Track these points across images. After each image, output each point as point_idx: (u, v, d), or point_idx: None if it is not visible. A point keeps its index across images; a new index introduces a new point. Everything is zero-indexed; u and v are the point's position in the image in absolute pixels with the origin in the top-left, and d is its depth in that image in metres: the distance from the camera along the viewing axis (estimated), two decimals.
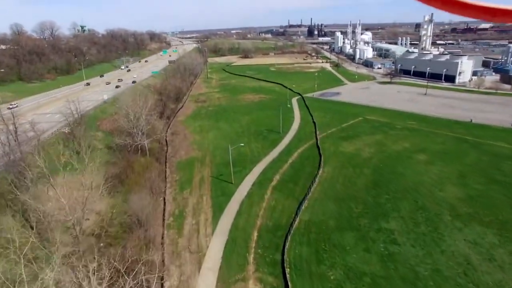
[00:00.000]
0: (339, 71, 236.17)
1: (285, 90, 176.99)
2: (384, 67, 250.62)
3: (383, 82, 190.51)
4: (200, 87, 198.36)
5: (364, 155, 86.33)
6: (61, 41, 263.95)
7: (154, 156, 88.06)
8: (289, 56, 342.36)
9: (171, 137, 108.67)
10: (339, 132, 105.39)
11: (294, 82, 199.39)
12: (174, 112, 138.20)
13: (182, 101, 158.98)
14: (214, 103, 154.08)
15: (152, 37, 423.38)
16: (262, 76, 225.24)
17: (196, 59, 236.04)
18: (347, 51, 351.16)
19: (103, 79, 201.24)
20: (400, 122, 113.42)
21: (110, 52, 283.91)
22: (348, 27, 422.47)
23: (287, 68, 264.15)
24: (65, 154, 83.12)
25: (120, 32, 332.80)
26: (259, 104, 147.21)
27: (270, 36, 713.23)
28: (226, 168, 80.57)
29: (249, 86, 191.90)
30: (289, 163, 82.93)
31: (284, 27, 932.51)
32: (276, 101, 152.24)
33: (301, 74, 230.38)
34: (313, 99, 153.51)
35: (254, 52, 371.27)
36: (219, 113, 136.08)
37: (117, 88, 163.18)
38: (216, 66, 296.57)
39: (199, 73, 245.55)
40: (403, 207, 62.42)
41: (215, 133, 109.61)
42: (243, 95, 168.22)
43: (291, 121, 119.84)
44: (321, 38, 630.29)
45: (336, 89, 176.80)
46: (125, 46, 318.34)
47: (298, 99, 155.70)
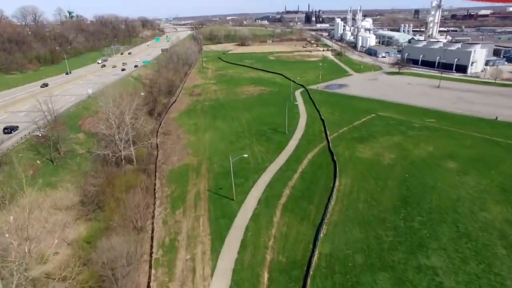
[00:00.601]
0: (342, 60, 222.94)
1: (287, 81, 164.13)
2: (388, 55, 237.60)
3: (391, 72, 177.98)
4: (195, 78, 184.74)
5: (385, 162, 74.73)
6: (45, 28, 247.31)
7: (142, 164, 75.72)
8: (287, 43, 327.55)
9: (163, 138, 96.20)
10: (352, 132, 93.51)
11: (295, 72, 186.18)
12: (166, 108, 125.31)
13: (175, 95, 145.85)
14: (210, 97, 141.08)
15: (144, 24, 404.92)
16: (261, 65, 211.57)
17: (191, 47, 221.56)
18: (348, 39, 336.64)
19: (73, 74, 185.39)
20: (417, 120, 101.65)
21: (98, 40, 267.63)
22: (348, 14, 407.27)
23: (286, 56, 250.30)
24: (35, 165, 70.95)
25: (110, 19, 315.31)
26: (260, 98, 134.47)
27: (267, 23, 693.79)
28: (225, 179, 68.79)
29: (248, 77, 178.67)
30: (299, 173, 71.15)
31: (281, 13, 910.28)
32: (278, 94, 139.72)
33: (302, 64, 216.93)
34: (318, 92, 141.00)
35: (251, 39, 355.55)
36: (216, 109, 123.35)
37: (105, 80, 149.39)
38: (211, 55, 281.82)
39: (194, 62, 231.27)
40: (443, 233, 51.11)
41: (212, 134, 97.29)
42: (242, 87, 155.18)
43: (296, 118, 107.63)
44: (319, 25, 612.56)
45: (341, 80, 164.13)
46: (115, 33, 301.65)
47: (301, 92, 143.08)
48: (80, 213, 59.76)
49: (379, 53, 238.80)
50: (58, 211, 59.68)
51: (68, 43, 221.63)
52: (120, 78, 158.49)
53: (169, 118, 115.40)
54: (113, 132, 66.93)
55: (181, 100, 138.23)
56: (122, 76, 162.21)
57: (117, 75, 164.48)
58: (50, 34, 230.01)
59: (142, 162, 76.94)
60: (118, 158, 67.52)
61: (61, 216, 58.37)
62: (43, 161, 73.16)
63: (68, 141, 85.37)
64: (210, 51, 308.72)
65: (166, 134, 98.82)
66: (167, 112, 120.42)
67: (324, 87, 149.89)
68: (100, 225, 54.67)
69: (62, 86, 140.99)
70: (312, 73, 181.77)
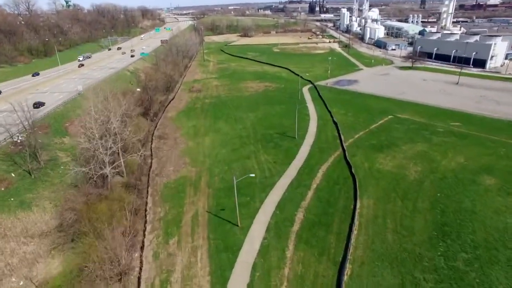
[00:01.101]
0: (350, 53, 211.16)
1: (293, 76, 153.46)
2: (399, 48, 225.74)
3: (404, 67, 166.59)
4: (196, 72, 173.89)
5: (411, 177, 64.68)
6: (40, 17, 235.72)
7: (133, 176, 65.92)
8: (292, 35, 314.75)
9: (158, 142, 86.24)
10: (369, 138, 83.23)
11: (301, 66, 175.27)
12: (163, 106, 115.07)
13: (174, 91, 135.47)
14: (211, 93, 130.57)
15: (144, 14, 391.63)
16: (265, 58, 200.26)
17: (191, 38, 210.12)
18: (355, 30, 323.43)
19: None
20: (440, 123, 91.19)
21: (96, 30, 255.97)
22: (354, 3, 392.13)
23: (292, 49, 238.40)
24: (8, 179, 61.19)
25: (108, 8, 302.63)
26: (265, 96, 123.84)
27: (269, 13, 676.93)
28: (228, 197, 59.12)
29: (252, 71, 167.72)
30: (313, 191, 61.26)
31: (284, 3, 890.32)
32: (284, 91, 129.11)
33: (308, 57, 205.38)
34: (327, 89, 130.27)
35: (254, 30, 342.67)
36: (218, 107, 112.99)
37: (97, 75, 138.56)
38: (213, 46, 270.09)
39: (194, 54, 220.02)
40: (497, 279, 41.38)
41: (213, 138, 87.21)
42: (245, 82, 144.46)
43: (306, 120, 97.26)
44: (323, 15, 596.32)
45: (351, 75, 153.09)
46: (113, 23, 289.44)
47: (310, 89, 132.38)
48: (57, 242, 50.29)
49: (388, 46, 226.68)
50: (30, 240, 50.19)
51: (62, 34, 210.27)
52: (115, 72, 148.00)
53: (166, 118, 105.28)
54: (94, 146, 56.83)
55: (180, 97, 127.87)
56: (117, 70, 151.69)
57: (113, 69, 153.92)
58: (45, 24, 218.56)
59: (133, 174, 67.19)
60: (104, 174, 57.53)
61: (32, 247, 48.86)
62: (18, 173, 63.45)
63: (51, 148, 75.64)
64: (212, 42, 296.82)
65: (162, 138, 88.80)
66: (164, 111, 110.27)
67: (333, 83, 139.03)
68: (77, 260, 45.10)
69: (53, 81, 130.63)
70: (319, 67, 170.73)
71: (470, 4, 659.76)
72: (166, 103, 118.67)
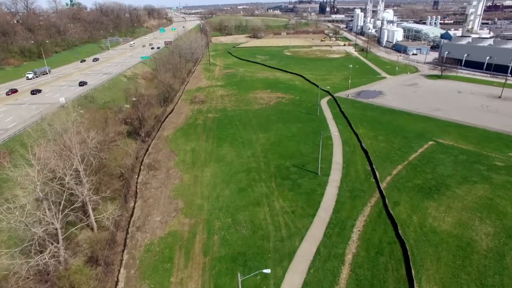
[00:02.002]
0: (368, 58, 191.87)
1: (308, 85, 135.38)
2: (420, 53, 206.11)
3: (432, 76, 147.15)
4: (200, 78, 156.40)
5: (482, 244, 46.35)
6: (39, 16, 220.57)
7: (107, 230, 48.62)
8: (303, 36, 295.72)
9: (147, 174, 68.87)
10: (412, 175, 64.82)
11: (317, 72, 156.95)
12: (159, 121, 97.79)
13: (174, 101, 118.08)
14: (215, 106, 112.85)
15: (150, 13, 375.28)
16: (276, 63, 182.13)
17: (196, 40, 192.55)
18: (370, 32, 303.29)
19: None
20: (496, 153, 72.42)
21: (97, 30, 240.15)
22: (368, 4, 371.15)
23: (304, 52, 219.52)
24: None
25: (112, 7, 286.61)
26: (278, 110, 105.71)
27: (279, 13, 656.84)
28: (230, 274, 41.60)
29: (262, 78, 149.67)
30: (348, 266, 43.31)
31: (294, 3, 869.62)
32: (300, 104, 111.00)
33: (323, 62, 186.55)
34: (349, 102, 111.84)
35: (264, 31, 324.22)
36: (222, 124, 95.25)
37: (91, 81, 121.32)
38: (220, 48, 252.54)
39: (200, 57, 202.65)
40: None
41: (214, 170, 69.54)
42: (255, 92, 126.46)
43: (328, 145, 79.08)
44: (334, 16, 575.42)
45: (375, 85, 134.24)
46: (117, 23, 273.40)
47: (329, 102, 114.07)
48: None
49: (409, 50, 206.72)
50: None
51: (60, 34, 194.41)
52: (111, 78, 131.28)
53: (161, 138, 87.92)
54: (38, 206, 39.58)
55: (179, 110, 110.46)
56: (113, 76, 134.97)
57: (107, 74, 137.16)
58: (44, 23, 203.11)
59: (105, 230, 49.86)
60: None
61: None
62: None
63: (7, 185, 58.85)
64: (219, 44, 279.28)
65: (152, 168, 71.40)
66: (159, 129, 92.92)
67: (355, 95, 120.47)
68: None
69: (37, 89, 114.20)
70: (337, 75, 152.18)
71: (486, 5, 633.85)
72: (163, 117, 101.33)
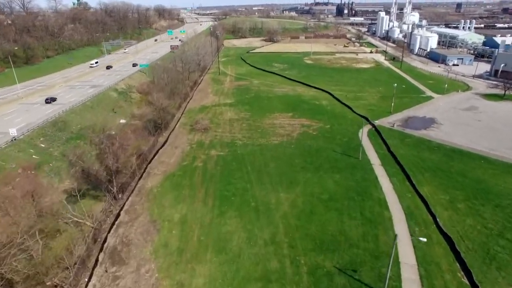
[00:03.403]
0: (403, 69, 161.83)
1: (338, 105, 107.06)
2: (462, 63, 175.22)
3: (491, 96, 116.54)
4: (206, 92, 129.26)
5: None
6: (36, 16, 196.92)
7: None
8: (324, 41, 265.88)
9: (102, 277, 41.98)
10: None
11: (346, 87, 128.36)
12: (144, 163, 70.93)
13: (170, 127, 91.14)
14: (222, 137, 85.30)
15: (161, 13, 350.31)
16: (296, 74, 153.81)
17: (205, 46, 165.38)
18: (396, 37, 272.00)
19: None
20: None
21: (102, 32, 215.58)
22: (393, 6, 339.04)
23: (328, 60, 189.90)
24: None
25: (119, 7, 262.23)
26: (304, 147, 77.44)
27: (295, 15, 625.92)
28: None
29: (281, 95, 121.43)
30: None
31: (310, 5, 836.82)
32: (332, 137, 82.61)
33: (351, 73, 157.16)
34: (396, 135, 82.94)
35: (281, 34, 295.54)
36: (229, 172, 67.54)
37: (71, 97, 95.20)
38: (233, 53, 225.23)
39: (209, 65, 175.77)
40: None
41: (212, 273, 42.02)
42: (273, 116, 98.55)
43: (385, 221, 50.81)
44: (352, 18, 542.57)
45: (422, 108, 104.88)
46: (123, 24, 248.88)
47: (370, 133, 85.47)
48: None
49: (449, 60, 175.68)
50: None
51: (53, 36, 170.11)
52: (98, 93, 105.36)
53: (143, 191, 61.06)
54: None
55: (175, 141, 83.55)
56: (101, 90, 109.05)
57: (95, 88, 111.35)
58: (39, 24, 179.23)
59: None
60: None
61: None
62: None
63: None
64: (232, 48, 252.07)
65: (116, 259, 44.46)
66: (141, 177, 65.98)
67: (401, 123, 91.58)
68: None
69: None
70: (371, 92, 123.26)
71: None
72: (151, 155, 74.44)
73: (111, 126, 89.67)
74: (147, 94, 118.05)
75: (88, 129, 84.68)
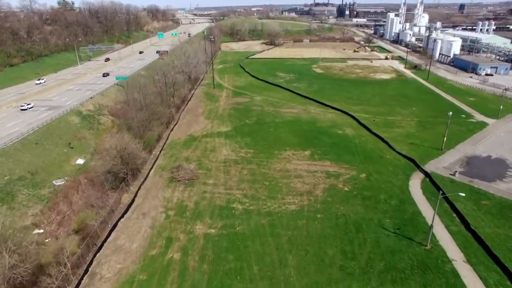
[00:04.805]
0: (431, 81, 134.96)
1: (367, 134, 79.69)
2: (496, 72, 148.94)
3: None
4: (197, 114, 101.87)
5: None
6: (7, 17, 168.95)
7: None
8: (331, 45, 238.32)
9: None
10: None
11: (370, 106, 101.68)
12: (79, 266, 43.96)
13: (142, 175, 63.94)
14: (212, 195, 57.64)
15: (154, 14, 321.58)
16: (306, 87, 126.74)
17: (197, 55, 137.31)
18: (409, 40, 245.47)
19: None
20: None
21: (83, 35, 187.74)
22: (401, 7, 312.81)
23: (340, 69, 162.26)
24: None
25: (105, 6, 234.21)
26: (335, 219, 50.04)
27: (295, 15, 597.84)
28: None
29: (291, 119, 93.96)
30: None
31: (309, 6, 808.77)
32: (375, 199, 55.08)
33: (371, 86, 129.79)
34: (468, 194, 55.14)
35: (283, 36, 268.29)
36: (219, 278, 40.69)
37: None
38: (230, 58, 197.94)
39: (202, 75, 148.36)
40: None
41: None
42: (283, 156, 71.14)
43: None
44: (355, 19, 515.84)
45: (480, 141, 77.74)
46: (109, 26, 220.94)
47: (425, 187, 58.36)
48: None
49: (480, 69, 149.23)
50: None
51: (19, 40, 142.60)
52: (52, 119, 78.04)
53: None
54: None
55: (144, 202, 56.28)
56: (59, 114, 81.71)
57: (54, 109, 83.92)
58: (11, 25, 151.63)
59: None
60: None
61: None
62: None
63: None
64: (230, 52, 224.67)
65: None
66: (79, 284, 39.03)
67: (463, 169, 64.68)
68: None
69: None
70: (404, 114, 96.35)
71: None
72: (102, 236, 47.28)
73: (60, 173, 62.98)
74: (122, 117, 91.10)
75: (23, 181, 57.89)
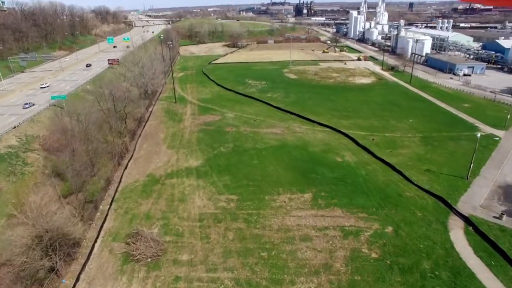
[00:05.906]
0: (415, 84, 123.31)
1: (372, 161, 63.53)
2: (473, 72, 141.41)
3: None
4: (156, 141, 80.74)
5: None
6: None
7: None
8: (298, 46, 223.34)
9: None
10: None
11: (360, 119, 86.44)
12: None
13: (81, 254, 43.07)
14: (189, 280, 38.67)
15: (103, 17, 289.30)
16: (283, 97, 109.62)
17: (153, 65, 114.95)
18: (375, 39, 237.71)
19: None
20: None
21: (14, 41, 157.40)
22: (362, 6, 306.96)
23: (314, 73, 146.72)
24: None
25: (43, 7, 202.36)
26: None
27: (254, 15, 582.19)
28: None
29: (277, 145, 75.54)
30: None
31: (266, 5, 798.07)
32: (415, 267, 38.26)
33: (353, 93, 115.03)
34: None
35: (245, 38, 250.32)
36: None
37: None
38: (191, 64, 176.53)
39: (161, 86, 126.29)
40: None
41: None
42: (278, 204, 53.05)
43: None
44: (314, 18, 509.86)
45: (502, 162, 64.91)
46: (49, 30, 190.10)
47: (472, 241, 43.29)
48: None
49: (458, 69, 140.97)
50: None
51: None
52: None
53: None
54: None
55: None
56: None
57: None
58: None
59: None
60: None
61: None
62: None
63: None
64: (190, 57, 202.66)
65: None
66: None
67: (506, 207, 50.64)
68: None
69: None
70: (401, 127, 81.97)
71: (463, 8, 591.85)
72: None
73: None
74: (56, 152, 68.28)
75: None
